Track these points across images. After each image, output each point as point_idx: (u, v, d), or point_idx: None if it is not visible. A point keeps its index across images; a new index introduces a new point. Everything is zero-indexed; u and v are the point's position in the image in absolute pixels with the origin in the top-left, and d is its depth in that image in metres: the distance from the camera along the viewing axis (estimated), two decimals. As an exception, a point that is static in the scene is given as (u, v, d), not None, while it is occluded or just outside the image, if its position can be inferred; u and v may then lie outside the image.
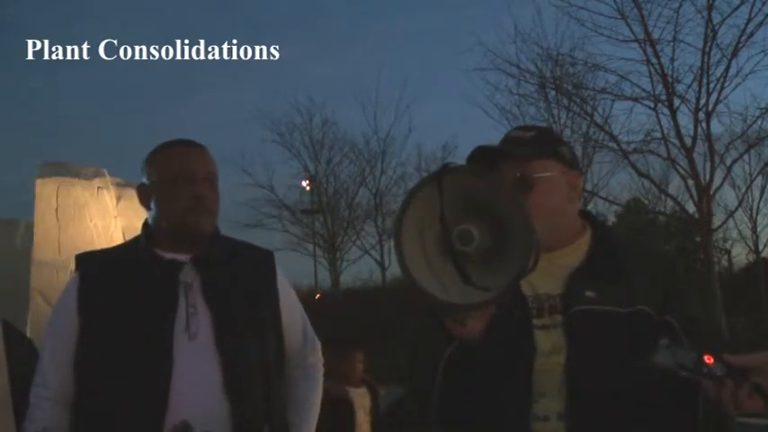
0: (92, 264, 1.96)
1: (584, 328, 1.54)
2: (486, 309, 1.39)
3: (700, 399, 1.44)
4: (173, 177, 1.88)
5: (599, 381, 1.50)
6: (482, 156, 1.59)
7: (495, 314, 1.44)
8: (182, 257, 1.88)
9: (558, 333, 1.55)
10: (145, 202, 1.96)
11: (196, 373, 1.80)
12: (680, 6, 12.18)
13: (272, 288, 2.01)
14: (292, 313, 2.06)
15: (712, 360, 1.31)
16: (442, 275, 1.36)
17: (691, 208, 14.49)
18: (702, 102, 12.57)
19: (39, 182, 4.36)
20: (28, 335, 3.85)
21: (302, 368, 2.10)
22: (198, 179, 1.88)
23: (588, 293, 1.56)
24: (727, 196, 19.54)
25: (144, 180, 1.95)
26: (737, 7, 11.94)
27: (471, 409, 1.56)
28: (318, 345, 2.16)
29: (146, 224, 1.97)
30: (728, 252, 22.69)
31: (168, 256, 1.89)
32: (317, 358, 2.15)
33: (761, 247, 21.38)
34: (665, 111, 12.93)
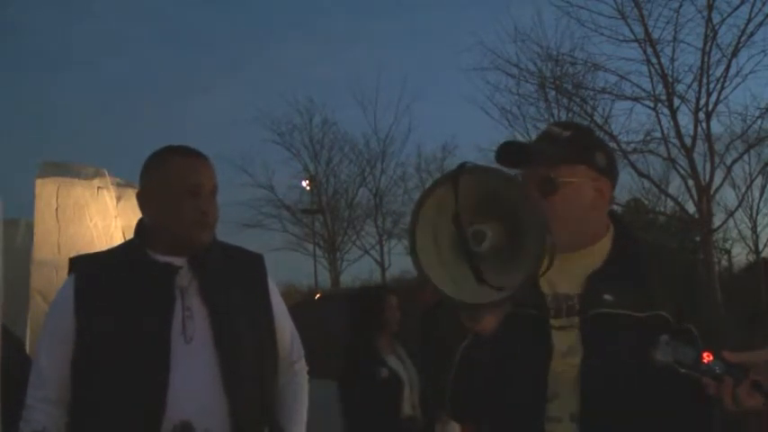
0: (87, 266, 1.96)
1: (601, 332, 1.53)
2: (500, 306, 1.39)
3: (715, 404, 1.44)
4: (180, 190, 1.87)
5: (613, 384, 1.50)
6: (509, 151, 1.58)
7: (513, 312, 1.43)
8: (177, 261, 1.88)
9: (574, 335, 1.54)
10: (146, 209, 1.94)
11: (193, 375, 1.80)
12: (680, 6, 12.18)
13: (265, 291, 2.02)
14: (281, 318, 2.06)
15: (711, 357, 1.32)
16: (456, 274, 1.36)
17: (691, 208, 14.49)
18: (702, 102, 12.56)
19: (39, 182, 4.36)
20: (28, 335, 3.86)
21: (289, 374, 2.11)
22: (204, 193, 1.88)
23: (606, 296, 1.55)
24: (728, 196, 19.52)
25: (144, 183, 1.94)
26: (737, 7, 11.94)
27: (484, 406, 1.56)
28: (303, 351, 2.17)
29: (140, 225, 1.97)
30: (728, 252, 22.72)
31: (164, 259, 1.88)
32: (302, 365, 2.16)
33: (761, 247, 21.40)
34: (665, 111, 12.93)
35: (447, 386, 1.55)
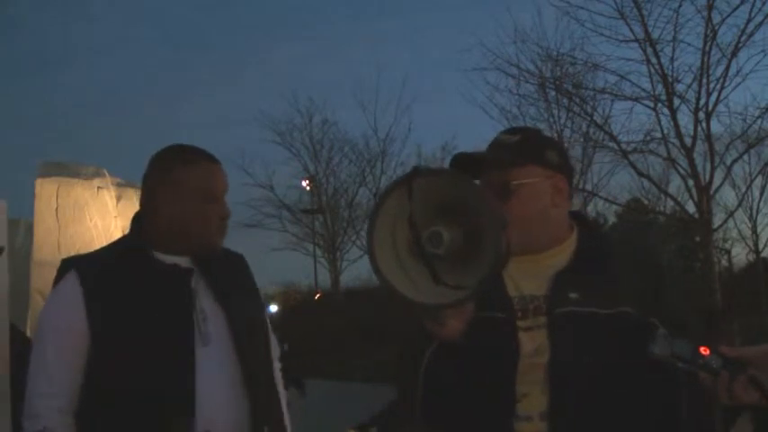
0: (90, 267, 1.88)
1: (567, 330, 1.54)
2: (464, 308, 1.40)
3: (683, 399, 1.47)
4: (204, 196, 1.86)
5: (581, 381, 1.51)
6: (463, 163, 1.59)
7: (480, 316, 1.44)
8: (182, 261, 1.87)
9: (541, 334, 1.56)
10: (158, 210, 1.87)
11: (216, 378, 1.79)
12: (680, 6, 12.14)
13: (256, 290, 2.04)
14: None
15: (709, 352, 1.32)
16: (414, 276, 1.37)
17: (691, 208, 14.45)
18: (702, 102, 12.54)
19: (39, 182, 4.36)
20: (28, 335, 3.85)
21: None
22: (221, 198, 1.90)
23: (572, 295, 1.56)
24: (727, 196, 19.52)
25: (154, 183, 1.88)
26: (737, 7, 11.89)
27: (454, 410, 1.56)
28: (279, 350, 2.17)
29: (137, 222, 1.91)
30: (728, 252, 22.69)
31: (168, 259, 1.86)
32: (278, 363, 2.15)
33: (761, 247, 21.38)
34: (665, 111, 12.90)
35: (416, 392, 1.55)
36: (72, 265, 1.87)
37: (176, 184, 1.86)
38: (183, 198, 1.85)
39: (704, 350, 1.32)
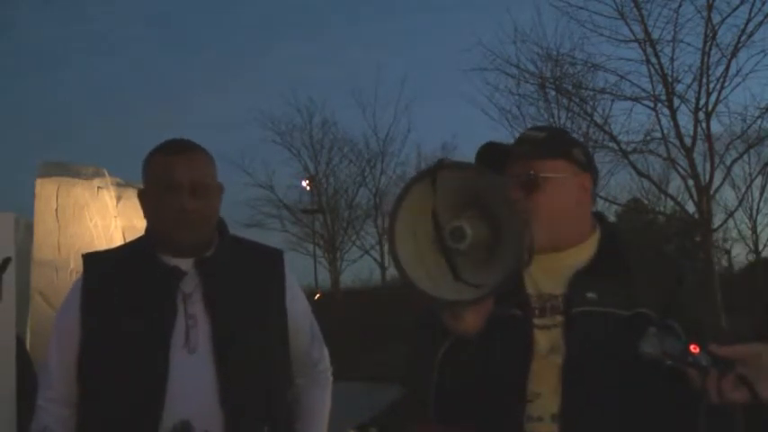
0: (97, 264, 1.94)
1: (583, 330, 1.53)
2: (483, 305, 1.38)
3: (700, 407, 1.43)
4: (158, 187, 1.83)
5: (595, 382, 1.50)
6: (491, 153, 1.58)
7: (497, 312, 1.43)
8: (184, 263, 1.85)
9: (557, 333, 1.54)
10: (142, 208, 1.94)
11: (194, 386, 1.77)
12: (680, 6, 12.14)
13: (280, 290, 1.97)
14: (299, 317, 2.02)
15: (698, 350, 1.32)
16: (434, 271, 1.35)
17: (691, 208, 14.47)
18: (702, 102, 12.53)
19: (39, 182, 4.35)
20: (28, 335, 3.86)
21: (310, 376, 2.07)
22: (182, 189, 1.81)
23: (590, 295, 1.55)
24: (727, 196, 19.54)
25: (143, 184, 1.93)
26: (737, 7, 11.89)
27: (467, 408, 1.55)
28: (326, 351, 2.13)
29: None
30: (728, 252, 22.68)
31: (171, 262, 1.85)
32: (325, 365, 2.12)
33: (761, 247, 21.38)
34: (665, 111, 12.90)
35: (430, 387, 1.53)
36: (84, 263, 1.94)
37: (144, 183, 1.91)
38: (146, 196, 1.89)
39: (694, 348, 1.32)
